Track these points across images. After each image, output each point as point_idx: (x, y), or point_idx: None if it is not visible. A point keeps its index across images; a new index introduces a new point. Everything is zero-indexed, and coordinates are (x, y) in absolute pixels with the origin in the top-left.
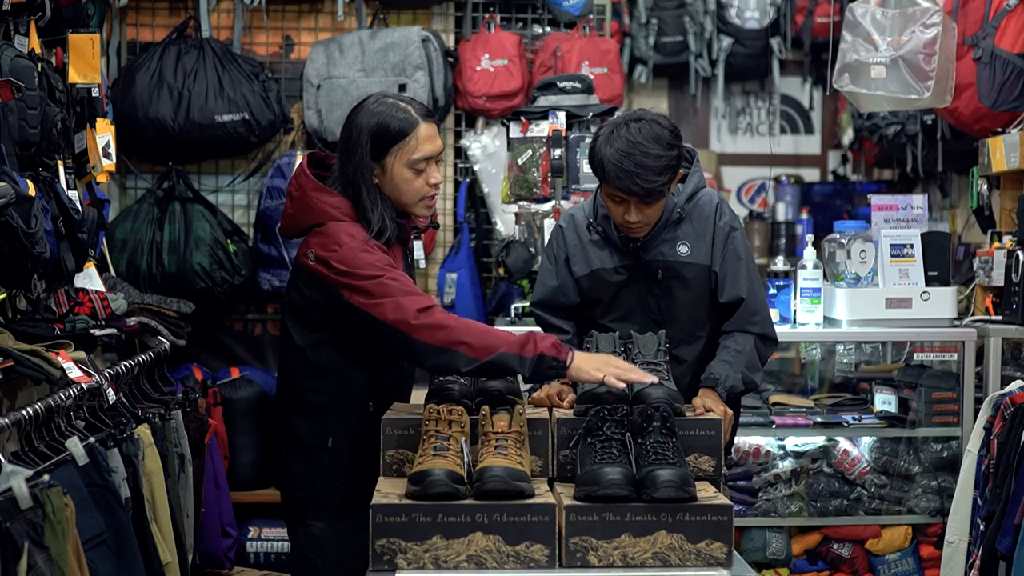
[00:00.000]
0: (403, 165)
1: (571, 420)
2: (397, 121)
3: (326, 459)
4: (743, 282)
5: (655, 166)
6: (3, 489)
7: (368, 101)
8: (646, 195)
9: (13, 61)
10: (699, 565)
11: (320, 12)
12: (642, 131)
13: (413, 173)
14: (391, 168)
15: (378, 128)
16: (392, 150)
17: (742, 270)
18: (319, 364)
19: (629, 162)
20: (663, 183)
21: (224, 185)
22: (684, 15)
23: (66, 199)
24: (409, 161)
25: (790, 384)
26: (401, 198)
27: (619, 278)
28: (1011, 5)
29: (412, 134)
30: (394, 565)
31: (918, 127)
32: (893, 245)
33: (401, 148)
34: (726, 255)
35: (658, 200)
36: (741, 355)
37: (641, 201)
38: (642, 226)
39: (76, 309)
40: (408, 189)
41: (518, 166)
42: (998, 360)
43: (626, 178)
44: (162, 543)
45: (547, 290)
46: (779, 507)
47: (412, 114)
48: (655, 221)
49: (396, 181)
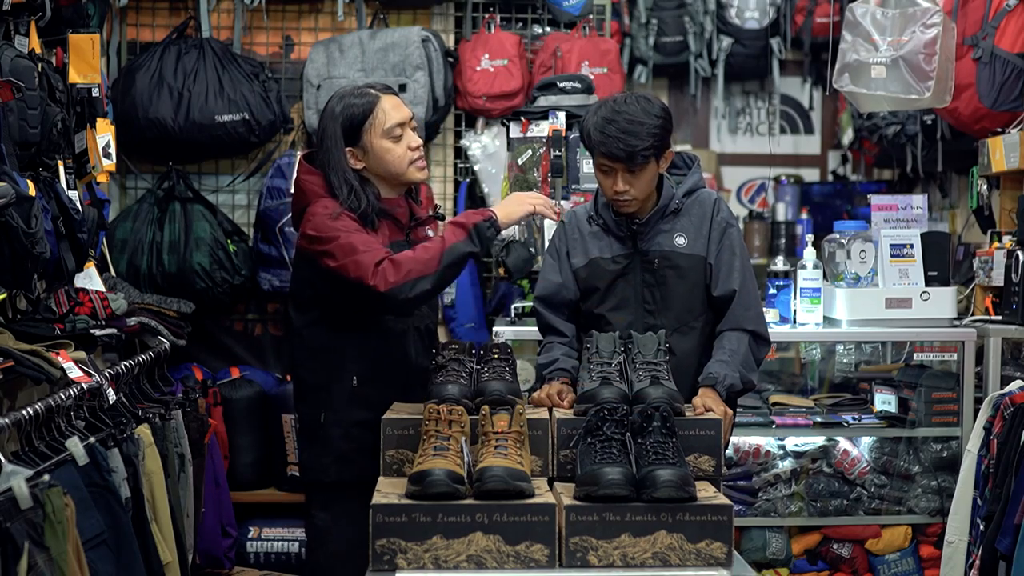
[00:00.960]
0: (380, 137)
1: (571, 420)
2: (359, 105)
3: (320, 437)
4: (736, 275)
5: (638, 131)
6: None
7: (330, 100)
8: (628, 158)
9: (13, 61)
10: (699, 565)
11: (320, 12)
12: (627, 101)
13: (392, 141)
14: (371, 144)
15: (345, 116)
16: (364, 129)
17: (736, 264)
18: (311, 344)
19: (612, 127)
20: (645, 147)
21: (224, 185)
22: (684, 15)
23: (66, 199)
24: (384, 131)
25: (790, 384)
26: (391, 169)
27: (616, 267)
28: (1011, 5)
29: (377, 107)
30: (394, 565)
31: (918, 127)
32: (893, 245)
33: (372, 124)
34: (721, 249)
35: (643, 168)
36: (736, 355)
37: (626, 169)
38: (631, 200)
39: (76, 309)
40: (392, 158)
41: (518, 166)
42: (998, 360)
43: (609, 141)
44: (162, 543)
45: (550, 285)
46: (779, 507)
47: (372, 92)
48: (645, 196)
49: (379, 154)
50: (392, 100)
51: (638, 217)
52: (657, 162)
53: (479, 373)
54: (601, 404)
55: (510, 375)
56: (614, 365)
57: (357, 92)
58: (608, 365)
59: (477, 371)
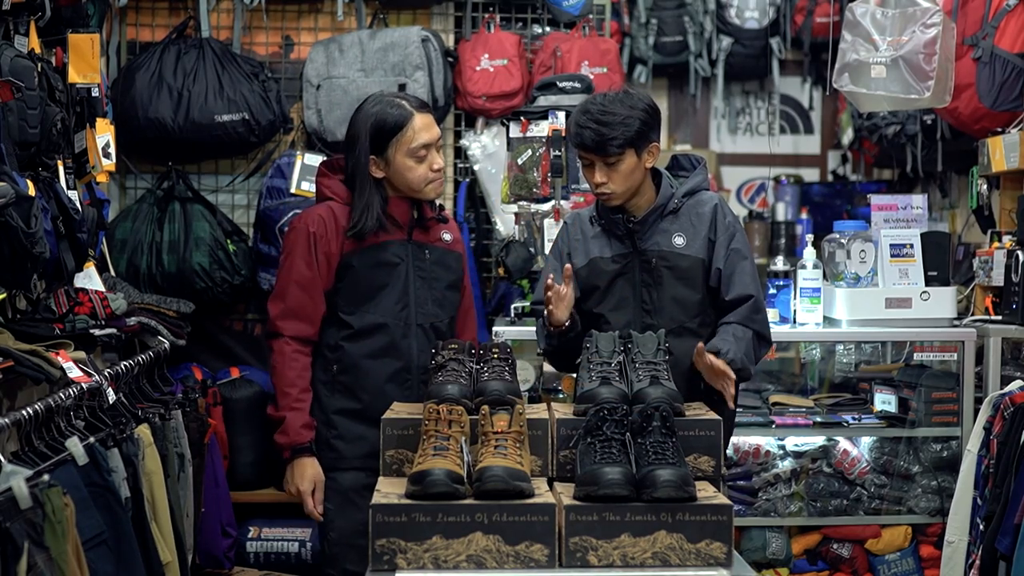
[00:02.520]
0: (404, 155)
1: (571, 420)
2: (393, 116)
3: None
4: (749, 279)
5: (610, 121)
6: (3, 489)
7: (366, 102)
8: (598, 148)
9: (13, 61)
10: (699, 565)
11: (320, 12)
12: (608, 95)
13: (415, 161)
14: (394, 159)
15: (376, 124)
16: (392, 142)
17: (748, 268)
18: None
19: (586, 117)
20: (615, 136)
21: (224, 185)
22: (684, 15)
23: (66, 199)
24: (409, 150)
25: (790, 384)
26: (410, 185)
27: (615, 267)
28: (1011, 5)
29: (408, 125)
30: (394, 565)
31: (918, 127)
32: (893, 245)
33: (400, 139)
34: (731, 254)
35: (619, 159)
36: (741, 341)
37: (602, 161)
38: (611, 193)
39: (76, 309)
40: (413, 177)
41: (518, 166)
42: (998, 360)
43: (581, 132)
44: (162, 543)
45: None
46: (779, 507)
47: (407, 107)
48: (625, 190)
49: (400, 170)
50: (425, 119)
51: (634, 215)
52: (638, 155)
53: (479, 373)
54: (601, 404)
55: (510, 375)
56: (614, 365)
57: (393, 103)
58: (608, 365)
59: (477, 371)
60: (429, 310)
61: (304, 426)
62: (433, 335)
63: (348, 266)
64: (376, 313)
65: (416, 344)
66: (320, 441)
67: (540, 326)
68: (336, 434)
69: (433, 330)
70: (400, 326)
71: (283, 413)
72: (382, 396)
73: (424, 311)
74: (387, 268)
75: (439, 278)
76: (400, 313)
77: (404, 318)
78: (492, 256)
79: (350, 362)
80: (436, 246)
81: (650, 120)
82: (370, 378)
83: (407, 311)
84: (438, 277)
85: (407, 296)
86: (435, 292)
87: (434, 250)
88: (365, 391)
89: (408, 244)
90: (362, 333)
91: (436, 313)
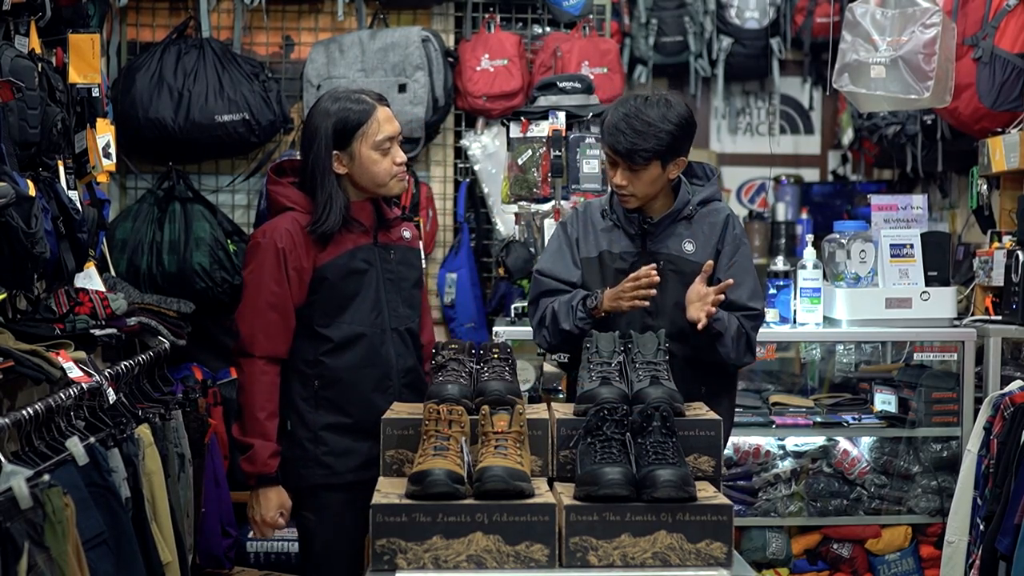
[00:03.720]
0: (370, 148)
1: (571, 420)
2: (356, 112)
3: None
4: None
5: (645, 131)
6: (3, 489)
7: (322, 99)
8: (627, 155)
9: (13, 61)
10: (699, 565)
11: (320, 12)
12: (649, 101)
13: (380, 154)
14: (359, 153)
15: (340, 119)
16: (356, 135)
17: (754, 283)
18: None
19: (623, 123)
20: (646, 148)
21: (224, 185)
22: (684, 15)
23: (66, 199)
24: (374, 143)
25: (790, 384)
26: (375, 179)
27: (622, 264)
28: (1011, 5)
29: (372, 118)
30: (394, 565)
31: (918, 127)
32: (893, 245)
33: (365, 132)
34: (736, 265)
35: (644, 168)
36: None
37: (626, 166)
38: (630, 196)
39: (76, 309)
40: (379, 170)
41: (518, 166)
42: (998, 360)
43: (615, 134)
44: (162, 543)
45: (556, 261)
46: (779, 507)
47: (369, 101)
48: (644, 196)
49: (366, 164)
50: (386, 112)
51: (650, 217)
52: (663, 167)
53: (479, 373)
54: (601, 404)
55: (510, 375)
56: (614, 365)
57: (353, 97)
58: (608, 365)
59: (477, 371)
60: (402, 312)
61: (271, 455)
62: (408, 337)
63: (322, 279)
64: (353, 323)
65: (394, 349)
66: (309, 459)
67: (569, 307)
68: (326, 450)
69: (407, 332)
70: (377, 333)
71: (251, 440)
72: (370, 407)
73: (397, 314)
74: (357, 275)
75: (406, 278)
76: (376, 320)
77: (380, 324)
78: (492, 256)
79: (333, 376)
80: (399, 245)
81: (683, 135)
82: (356, 390)
83: (381, 317)
84: (405, 277)
85: (380, 302)
86: (403, 293)
87: (397, 249)
88: (352, 404)
89: (375, 248)
90: (342, 345)
91: (408, 315)
